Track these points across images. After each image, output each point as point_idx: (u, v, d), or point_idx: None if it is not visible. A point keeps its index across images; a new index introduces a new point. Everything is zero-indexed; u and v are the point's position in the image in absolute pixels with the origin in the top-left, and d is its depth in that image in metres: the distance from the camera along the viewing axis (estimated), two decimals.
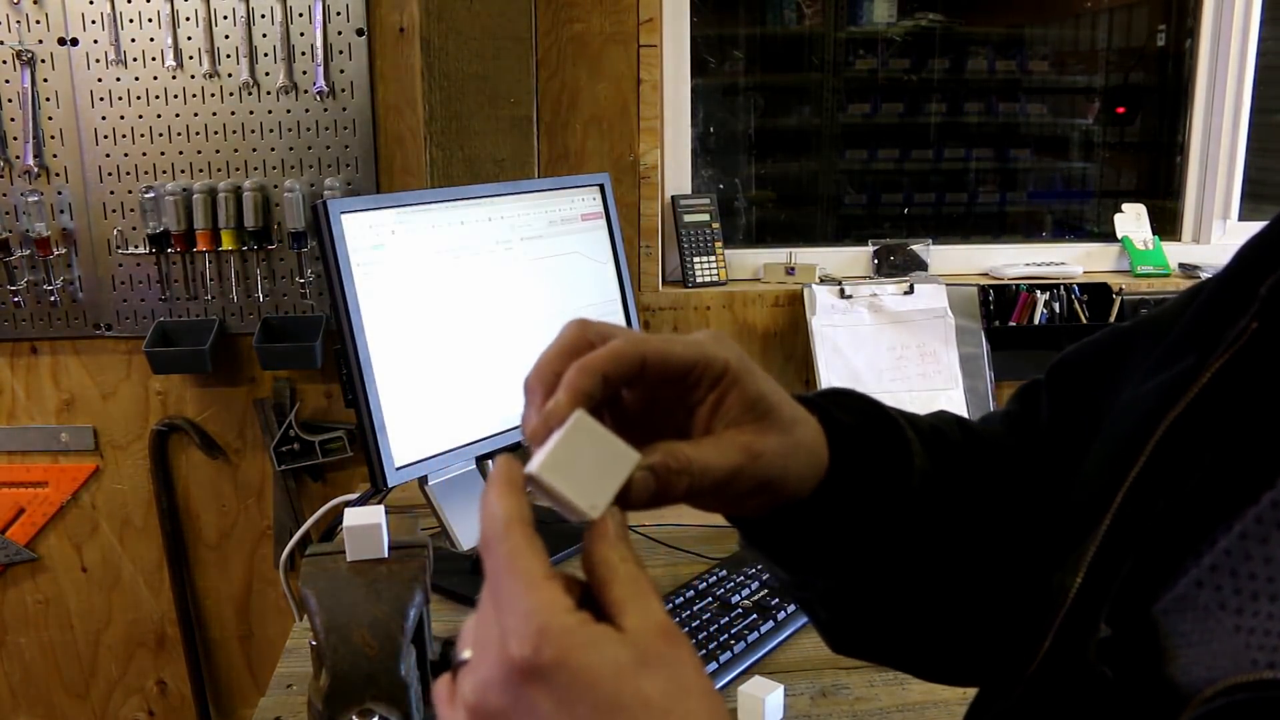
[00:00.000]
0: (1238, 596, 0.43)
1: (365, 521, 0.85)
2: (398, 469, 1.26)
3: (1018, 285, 1.92)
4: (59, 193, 1.77)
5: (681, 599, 1.26)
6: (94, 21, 1.71)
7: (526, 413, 0.48)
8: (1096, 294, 1.94)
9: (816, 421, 0.55)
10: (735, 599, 1.25)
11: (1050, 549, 0.53)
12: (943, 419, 0.64)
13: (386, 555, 0.65)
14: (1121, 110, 2.28)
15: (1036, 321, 1.92)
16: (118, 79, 1.73)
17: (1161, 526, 0.47)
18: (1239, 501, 0.44)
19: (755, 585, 1.28)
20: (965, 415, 0.67)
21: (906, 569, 0.58)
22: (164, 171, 1.77)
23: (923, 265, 2.01)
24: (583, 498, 0.45)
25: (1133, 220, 2.10)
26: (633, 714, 0.40)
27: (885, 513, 0.57)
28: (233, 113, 1.75)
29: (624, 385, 0.49)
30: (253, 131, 1.76)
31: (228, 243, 1.77)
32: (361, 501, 1.40)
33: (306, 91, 1.75)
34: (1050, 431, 0.63)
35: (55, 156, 1.76)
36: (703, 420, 0.51)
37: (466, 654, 0.44)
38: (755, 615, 1.22)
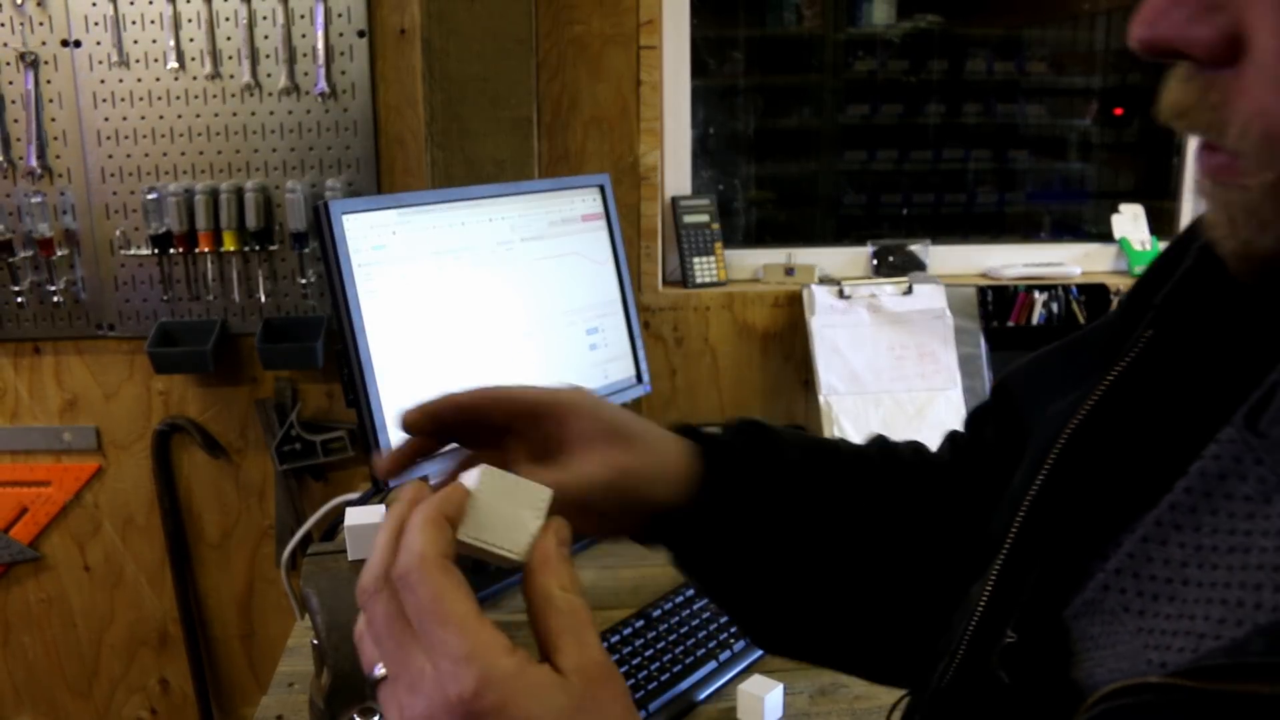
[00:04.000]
0: (1140, 598, 0.44)
1: (366, 520, 0.86)
2: None
3: (1016, 286, 1.93)
4: (62, 194, 1.78)
5: (681, 598, 1.27)
6: (96, 23, 1.72)
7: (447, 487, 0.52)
8: (1094, 294, 1.95)
9: (683, 442, 0.61)
10: None
11: (972, 563, 0.55)
12: (873, 442, 0.69)
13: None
14: (1119, 111, 2.28)
15: (1035, 322, 1.92)
16: (120, 80, 1.74)
17: (1069, 533, 0.48)
18: (1141, 505, 0.45)
19: None
20: (963, 412, 0.70)
21: (805, 574, 0.62)
22: (166, 172, 1.78)
23: (921, 266, 2.02)
24: (509, 543, 0.47)
25: (1130, 221, 2.11)
26: None
27: (761, 514, 0.61)
28: (234, 114, 1.76)
29: (477, 416, 0.57)
30: (254, 133, 1.77)
31: (230, 243, 1.77)
32: (363, 501, 1.40)
33: (308, 93, 1.75)
34: (995, 452, 0.65)
35: (58, 158, 1.77)
36: (568, 450, 0.58)
37: (380, 670, 0.45)
38: None
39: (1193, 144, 0.41)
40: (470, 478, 0.48)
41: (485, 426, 0.59)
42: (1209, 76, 0.38)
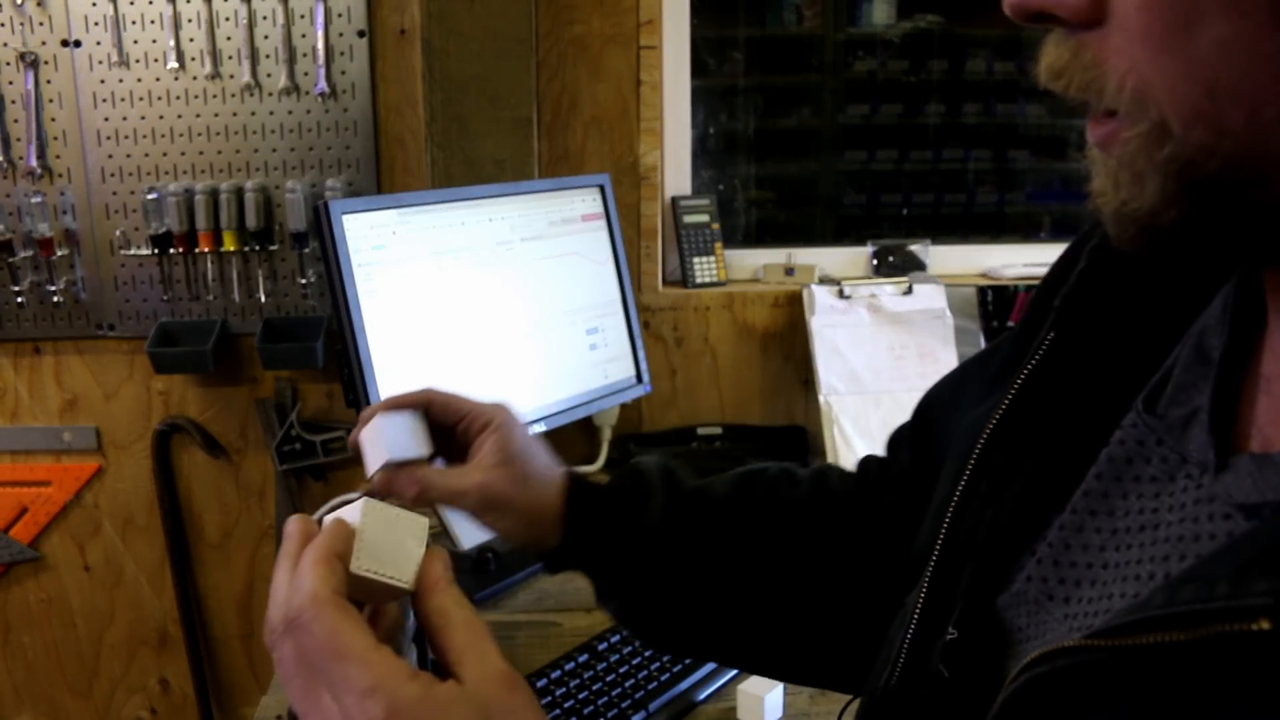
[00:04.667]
0: (1063, 586, 0.46)
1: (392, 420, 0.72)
2: None
3: (1016, 286, 1.93)
4: (62, 194, 1.78)
5: None
6: (96, 23, 1.72)
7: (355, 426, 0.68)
8: None
9: (562, 484, 0.71)
10: None
11: (901, 577, 0.58)
12: (811, 471, 0.75)
13: (427, 453, 0.69)
14: None
15: None
16: (120, 80, 1.74)
17: (994, 532, 0.50)
18: (1058, 498, 0.48)
19: None
20: None
21: (682, 593, 0.70)
22: (166, 172, 1.78)
23: (921, 266, 2.02)
24: (399, 572, 0.49)
25: None
26: None
27: (625, 549, 0.70)
28: (234, 114, 1.76)
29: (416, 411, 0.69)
30: (254, 133, 1.77)
31: (229, 243, 1.77)
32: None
33: (308, 93, 1.75)
34: (911, 471, 0.70)
35: (58, 158, 1.77)
36: (470, 456, 0.69)
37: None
38: None
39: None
40: (352, 512, 0.49)
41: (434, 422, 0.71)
42: (1080, 37, 0.39)
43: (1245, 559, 0.34)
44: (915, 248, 2.03)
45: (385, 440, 0.66)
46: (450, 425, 0.70)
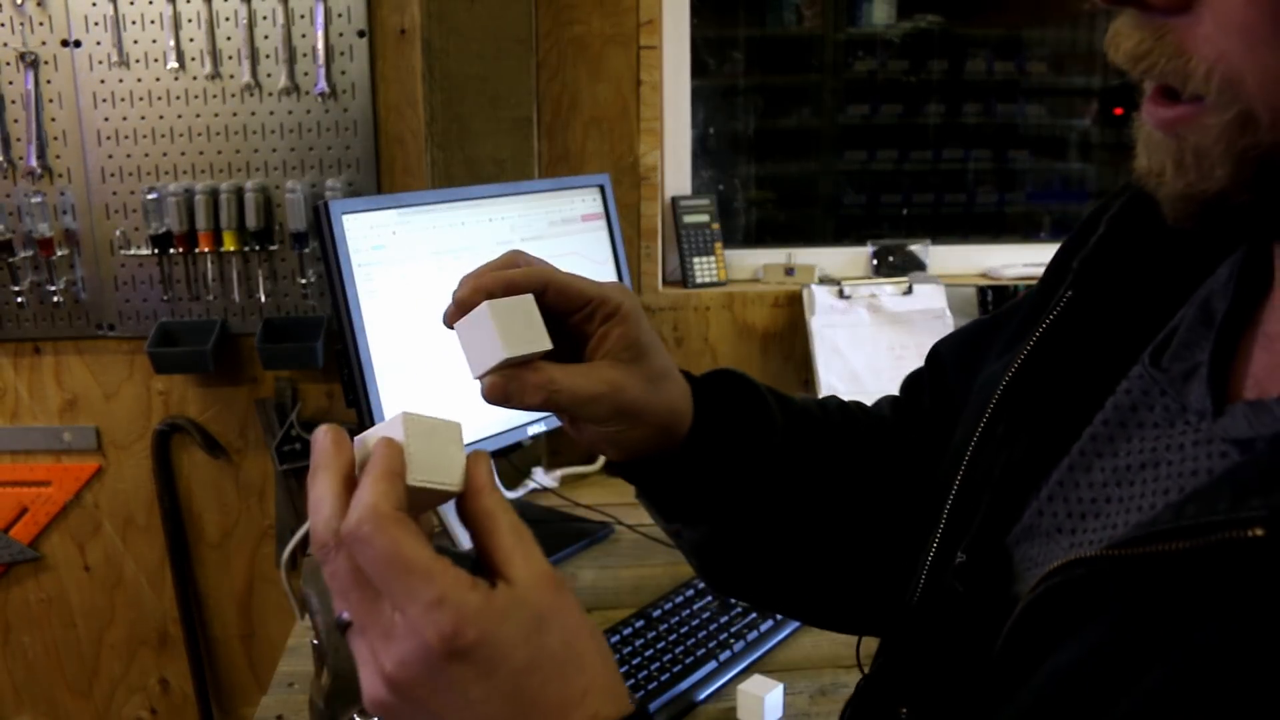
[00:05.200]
0: (1070, 519, 0.50)
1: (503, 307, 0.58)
2: None
3: (1016, 286, 1.93)
4: (62, 194, 1.78)
5: (681, 598, 1.27)
6: (96, 23, 1.72)
7: (448, 308, 0.57)
8: None
9: (686, 384, 0.63)
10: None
11: (920, 510, 0.61)
12: (829, 401, 0.74)
13: (548, 347, 0.55)
14: (1119, 111, 2.28)
15: None
16: (120, 80, 1.74)
17: (1008, 471, 0.54)
18: (1066, 441, 0.52)
19: None
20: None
21: (774, 521, 0.66)
22: (166, 172, 1.78)
23: (921, 265, 2.02)
24: (449, 476, 0.49)
25: None
26: (543, 670, 0.45)
27: (747, 465, 0.64)
28: (234, 114, 1.76)
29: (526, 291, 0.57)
30: (254, 133, 1.77)
31: (230, 243, 1.77)
32: None
33: (308, 93, 1.75)
34: (931, 413, 0.72)
35: (58, 158, 1.77)
36: (591, 349, 0.59)
37: (348, 616, 0.46)
38: (755, 614, 1.23)
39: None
40: (394, 428, 0.49)
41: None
42: (1162, 22, 0.40)
43: (1241, 480, 0.37)
44: (915, 248, 2.03)
45: (500, 332, 0.53)
46: (567, 313, 0.59)
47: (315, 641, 0.90)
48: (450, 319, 0.56)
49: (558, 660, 0.45)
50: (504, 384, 0.54)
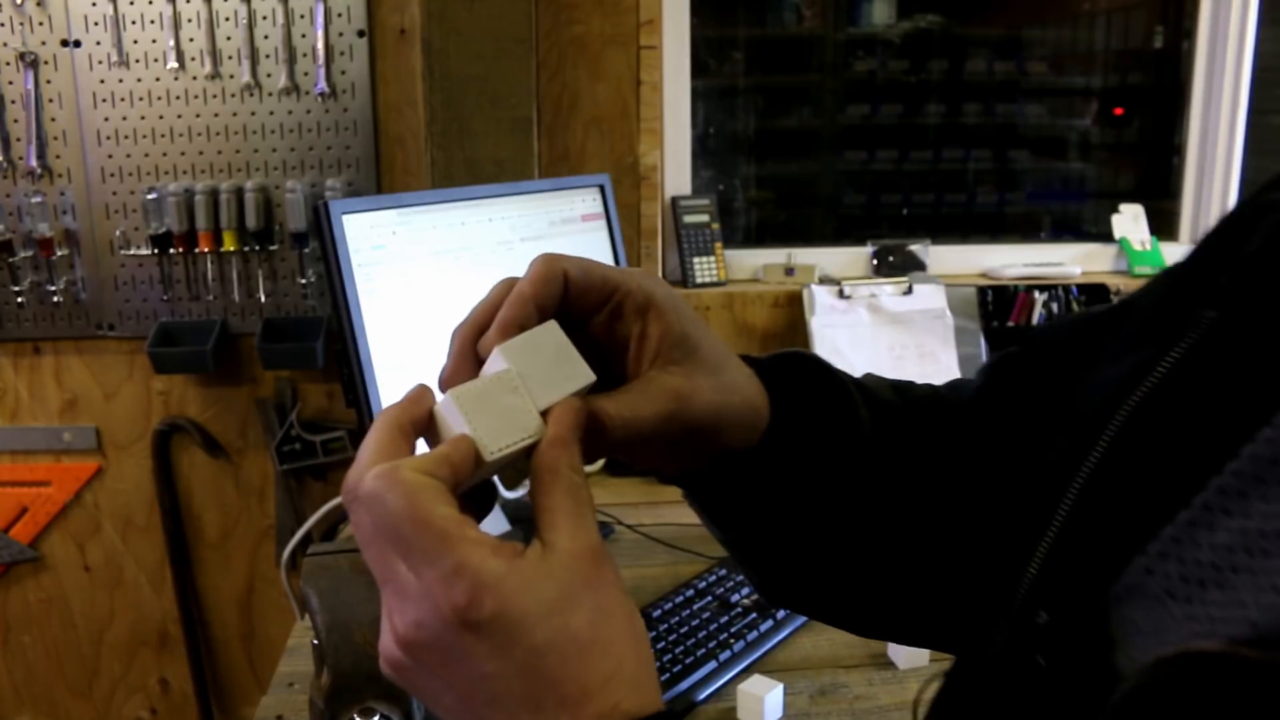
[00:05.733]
0: (1185, 584, 0.43)
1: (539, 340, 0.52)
2: None
3: (1016, 286, 1.93)
4: (62, 194, 1.78)
5: (681, 598, 1.27)
6: (96, 23, 1.72)
7: (446, 362, 0.48)
8: (1094, 295, 1.95)
9: (750, 369, 0.53)
10: (735, 598, 1.26)
11: (1009, 532, 0.53)
12: (909, 388, 0.62)
13: (591, 379, 0.49)
14: (1119, 111, 2.28)
15: (1035, 322, 1.92)
16: (120, 80, 1.74)
17: (1116, 515, 0.47)
18: (1188, 490, 0.44)
19: None
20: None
21: (850, 531, 0.56)
22: (166, 172, 1.78)
23: (921, 266, 2.02)
24: (522, 432, 0.44)
25: (1130, 221, 2.11)
26: (562, 651, 0.41)
27: (827, 468, 0.55)
28: (234, 114, 1.76)
29: (553, 307, 0.48)
30: (254, 132, 1.77)
31: (229, 243, 1.77)
32: None
33: (308, 93, 1.75)
34: (1021, 410, 0.61)
35: (58, 158, 1.77)
36: (632, 359, 0.49)
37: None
38: (755, 614, 1.23)
39: (1194, 144, 0.40)
40: (449, 412, 0.45)
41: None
42: None
43: None
44: (915, 248, 2.03)
45: (529, 385, 0.45)
46: (587, 314, 0.50)
47: (315, 641, 0.90)
48: (447, 383, 0.47)
49: (581, 642, 0.41)
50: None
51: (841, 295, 1.86)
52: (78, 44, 1.73)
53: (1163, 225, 2.15)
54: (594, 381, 0.46)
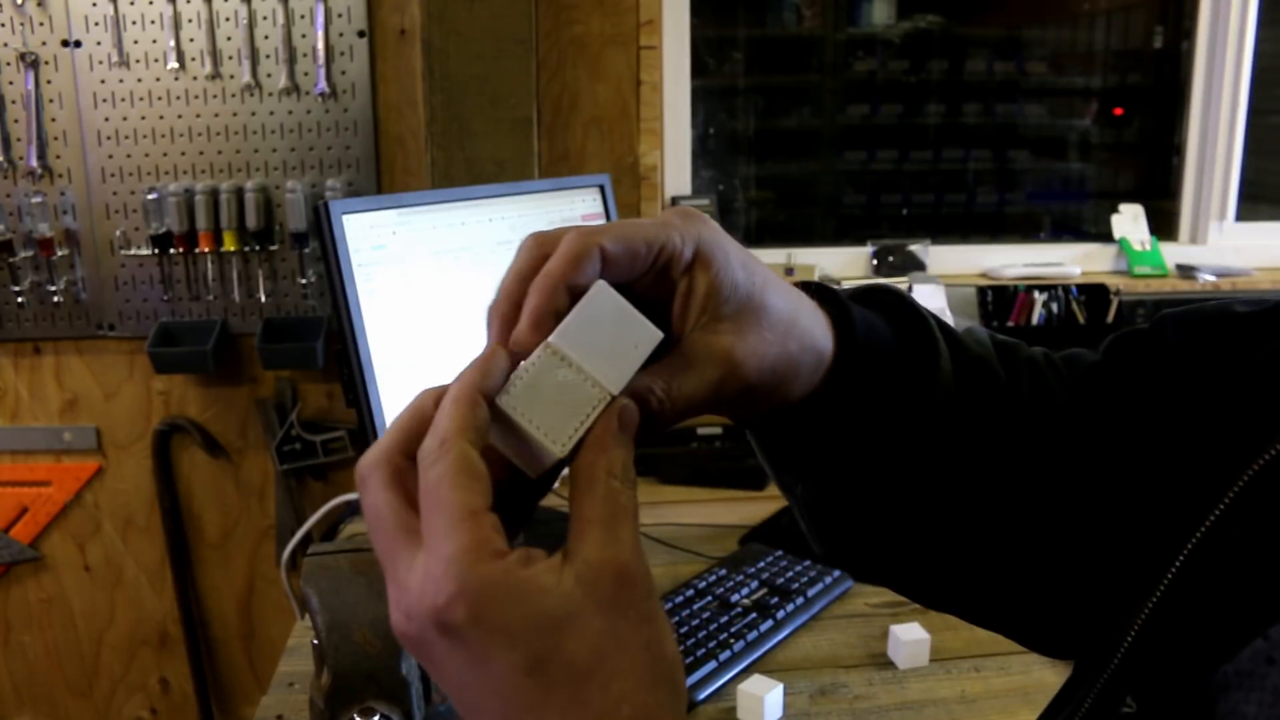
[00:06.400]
0: None
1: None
2: None
3: (1016, 286, 1.93)
4: (62, 194, 1.78)
5: (681, 598, 1.27)
6: (97, 24, 1.72)
7: (485, 348, 0.41)
8: (1094, 294, 1.95)
9: (822, 311, 0.47)
10: (735, 598, 1.26)
11: (1097, 553, 0.48)
12: (1018, 350, 0.55)
13: (659, 337, 0.44)
14: (1119, 111, 2.28)
15: (1035, 322, 1.93)
16: (120, 81, 1.74)
17: (1227, 589, 0.41)
18: None
19: (755, 584, 1.29)
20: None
21: (919, 490, 0.50)
22: (166, 172, 1.78)
23: (921, 266, 2.02)
24: (602, 374, 0.40)
25: (1130, 221, 2.11)
26: (548, 675, 0.36)
27: (895, 417, 0.49)
28: (235, 114, 1.76)
29: (587, 286, 0.42)
30: (254, 133, 1.77)
31: (230, 243, 1.77)
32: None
33: (308, 93, 1.75)
34: (1147, 395, 0.54)
35: (58, 158, 1.77)
36: (677, 317, 0.44)
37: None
38: (755, 614, 1.23)
39: (1193, 144, 0.38)
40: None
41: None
42: None
43: None
44: (915, 248, 2.03)
45: (592, 366, 0.40)
46: (634, 279, 0.43)
47: (315, 641, 0.90)
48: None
49: (575, 670, 0.36)
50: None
51: None
52: (78, 44, 1.73)
53: (1162, 225, 2.15)
54: (661, 339, 0.42)
